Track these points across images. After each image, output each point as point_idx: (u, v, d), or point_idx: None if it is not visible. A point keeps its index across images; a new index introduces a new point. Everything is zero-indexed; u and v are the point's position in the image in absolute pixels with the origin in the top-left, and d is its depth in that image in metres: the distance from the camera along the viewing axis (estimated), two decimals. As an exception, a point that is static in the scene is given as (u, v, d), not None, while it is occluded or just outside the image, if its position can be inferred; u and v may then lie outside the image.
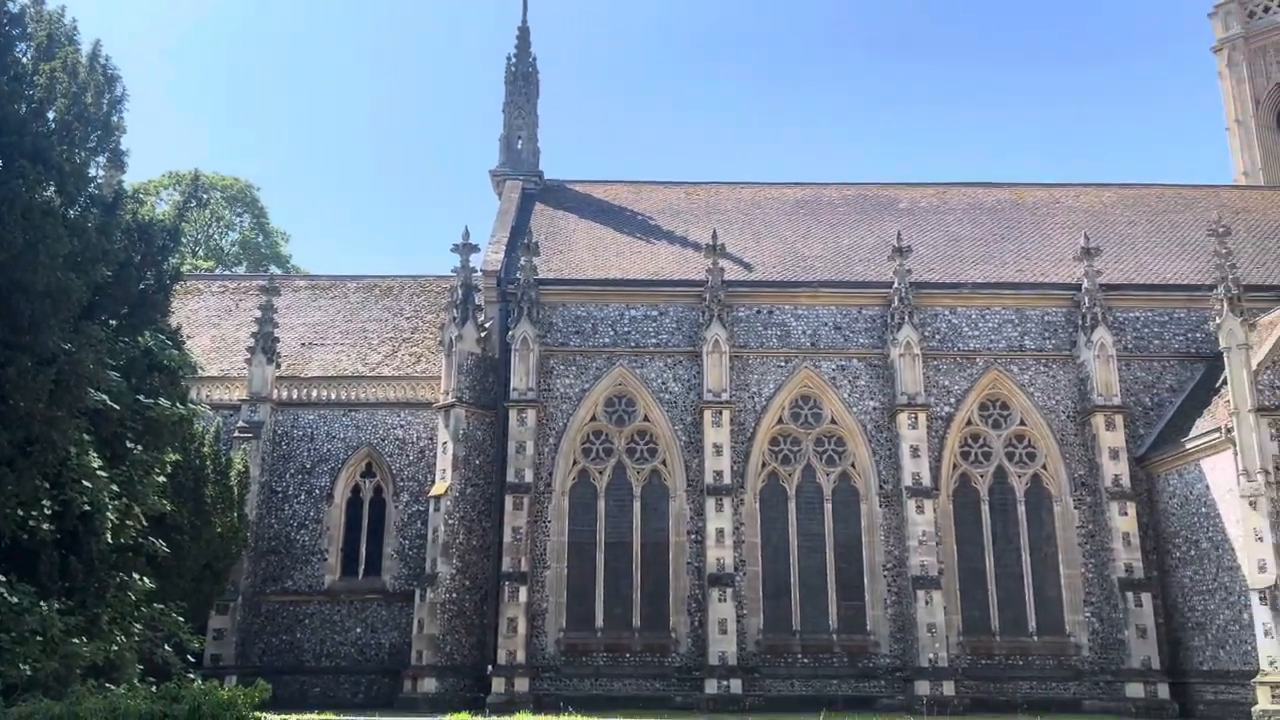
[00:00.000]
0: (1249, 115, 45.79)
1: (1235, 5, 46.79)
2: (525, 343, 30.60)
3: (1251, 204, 39.30)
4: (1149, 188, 40.59)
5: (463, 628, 28.93)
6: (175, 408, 20.26)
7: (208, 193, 59.20)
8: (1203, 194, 39.92)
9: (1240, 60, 46.30)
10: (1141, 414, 31.20)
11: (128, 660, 17.24)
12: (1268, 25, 45.93)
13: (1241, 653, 26.37)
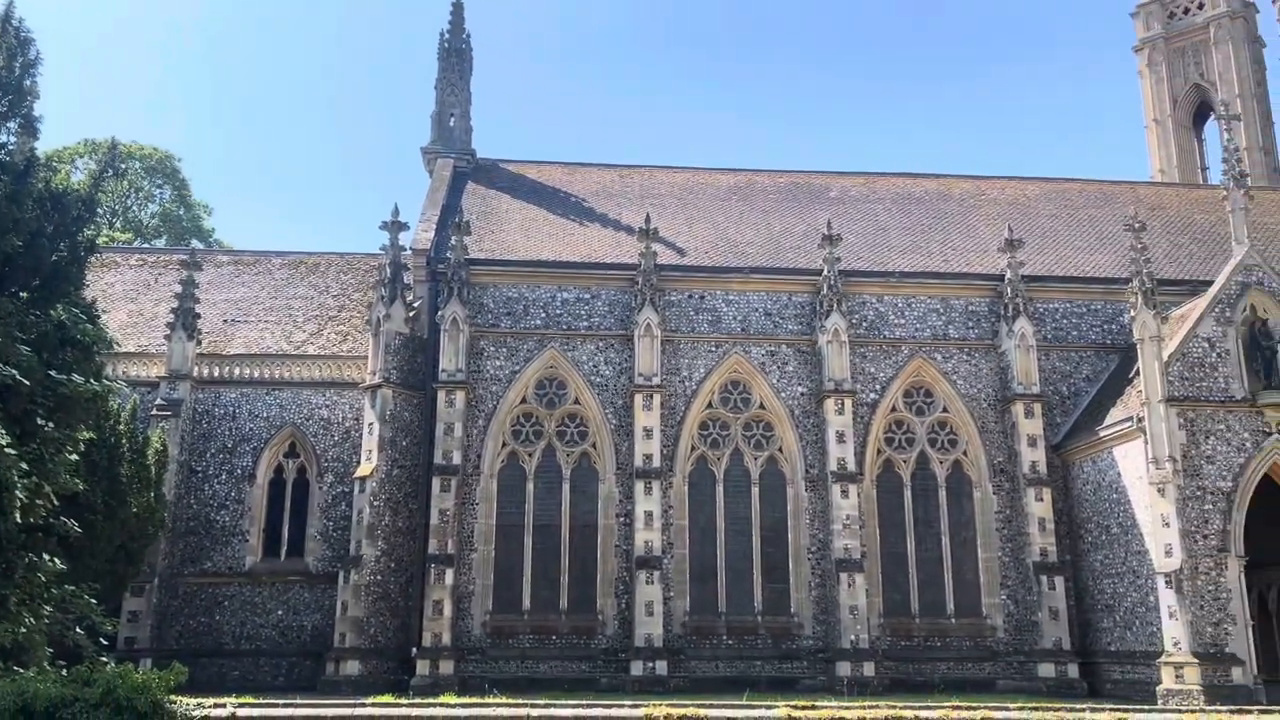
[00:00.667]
0: (1166, 114, 47.24)
1: (1156, 6, 48.12)
2: (455, 323, 30.22)
3: (1166, 200, 40.44)
4: (1071, 182, 41.51)
5: (387, 610, 28.59)
6: (89, 384, 19.54)
7: (126, 162, 57.10)
8: (1121, 189, 40.91)
9: (1160, 60, 47.69)
10: (1059, 403, 31.96)
11: (37, 643, 16.69)
12: (1187, 26, 47.35)
13: (1147, 634, 27.22)
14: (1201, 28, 46.70)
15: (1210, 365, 27.56)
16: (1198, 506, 26.36)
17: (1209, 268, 32.44)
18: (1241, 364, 27.55)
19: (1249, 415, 27.16)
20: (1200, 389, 27.32)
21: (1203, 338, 27.79)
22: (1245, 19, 46.35)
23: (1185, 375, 27.39)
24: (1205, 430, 27.00)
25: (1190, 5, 47.30)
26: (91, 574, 21.72)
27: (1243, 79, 45.32)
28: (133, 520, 24.94)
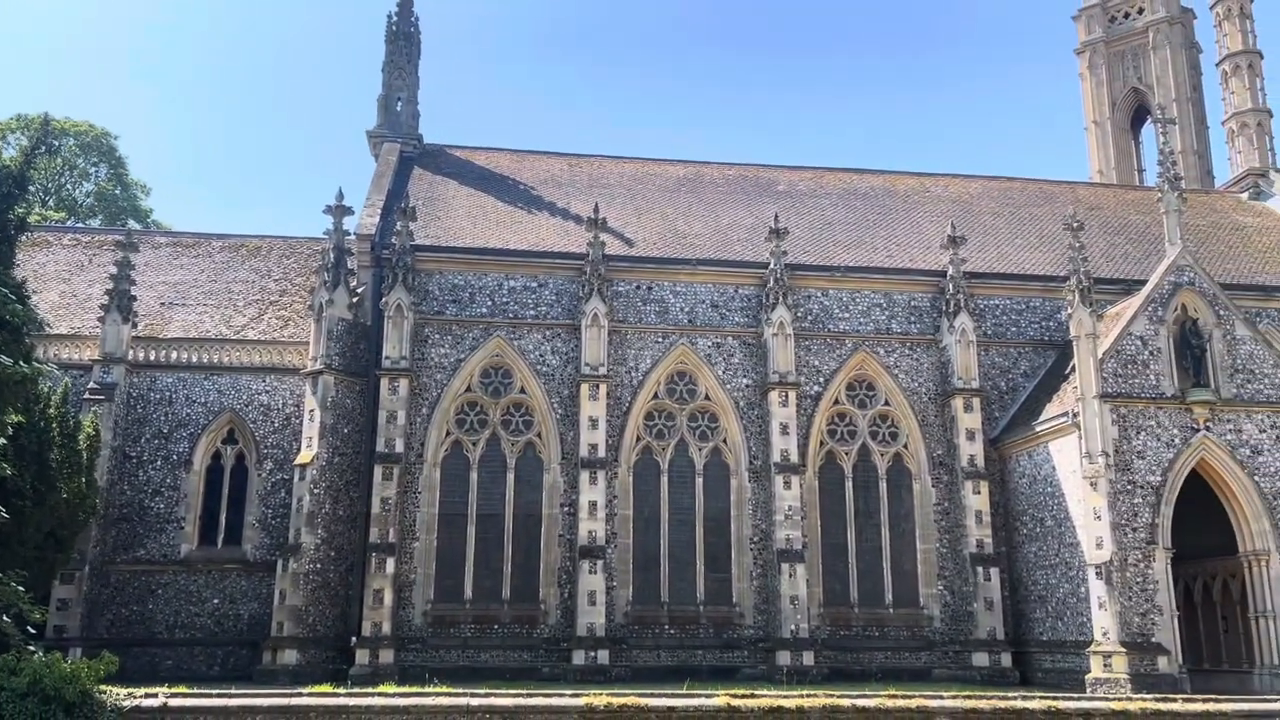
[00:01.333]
0: (1105, 116, 48.25)
1: (1098, 9, 49.05)
2: (399, 310, 29.95)
3: (1104, 201, 41.38)
4: (1013, 181, 42.26)
5: (327, 599, 28.31)
6: (18, 366, 19.10)
7: (59, 139, 55.59)
8: (1061, 189, 41.78)
9: (1100, 63, 48.67)
10: (997, 398, 32.52)
11: (-38, 631, 16.29)
12: (1126, 30, 48.36)
13: (1078, 624, 27.90)
14: (1141, 32, 47.74)
15: (1143, 363, 28.29)
16: (1128, 500, 27.06)
17: (1143, 267, 33.24)
18: (1172, 362, 28.31)
19: (1178, 412, 27.93)
20: (1133, 386, 28.02)
21: (1136, 336, 28.50)
22: (1183, 24, 47.52)
23: (1119, 372, 28.06)
24: (1137, 426, 27.72)
25: (1130, 10, 48.31)
26: (19, 561, 21.24)
27: (1179, 83, 46.45)
28: (63, 506, 24.37)
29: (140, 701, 15.26)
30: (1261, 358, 28.76)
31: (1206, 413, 27.93)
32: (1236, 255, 36.65)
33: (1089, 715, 17.19)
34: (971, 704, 17.16)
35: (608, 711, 15.92)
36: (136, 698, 15.37)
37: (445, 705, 15.90)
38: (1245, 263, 36.05)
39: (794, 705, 16.53)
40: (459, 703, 16.02)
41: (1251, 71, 43.09)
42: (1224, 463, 27.90)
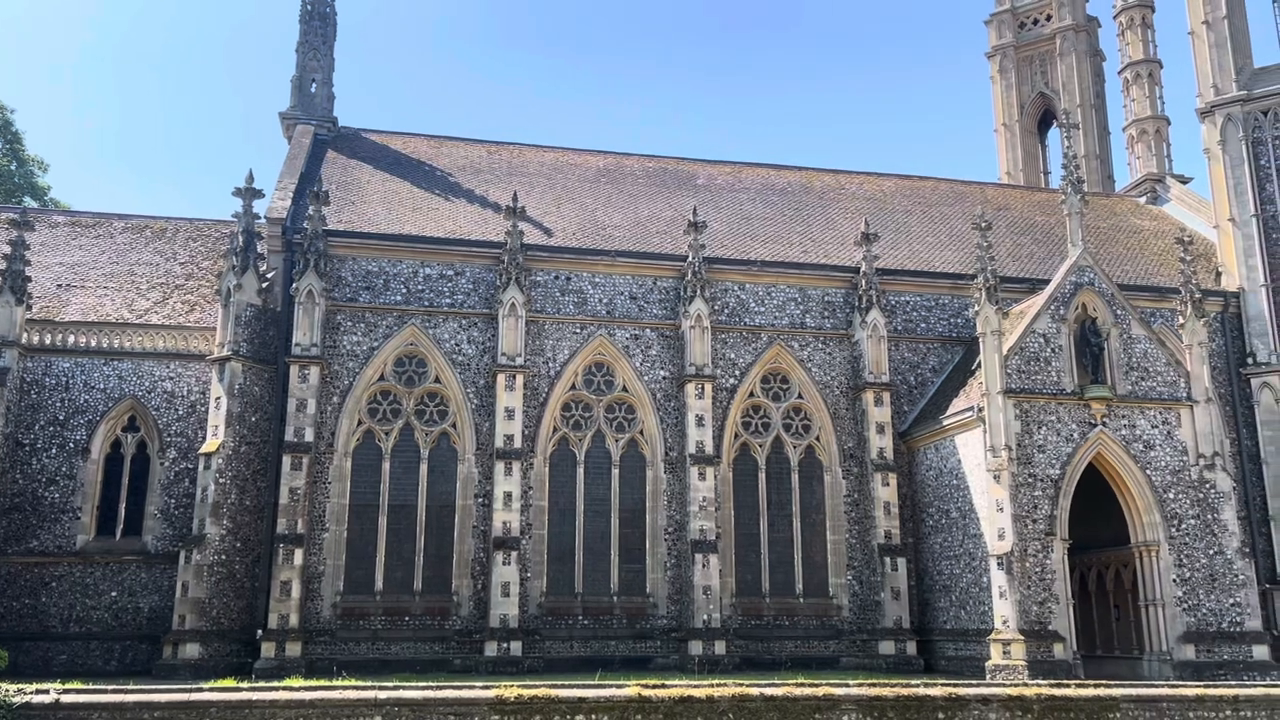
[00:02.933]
0: (1014, 120, 49.53)
1: (1009, 15, 50.29)
2: (310, 296, 29.41)
3: (1012, 201, 42.49)
4: (925, 180, 43.12)
5: (232, 591, 27.73)
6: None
7: (-52, 112, 53.51)
8: (971, 189, 42.76)
9: (1010, 68, 49.91)
10: (906, 392, 33.25)
11: None
12: (1035, 36, 49.69)
13: (980, 613, 28.69)
14: (1048, 38, 49.10)
15: (1045, 360, 29.16)
16: (1029, 493, 27.89)
17: (1047, 267, 34.27)
18: (1072, 359, 29.26)
19: (1077, 407, 28.88)
20: (1035, 382, 28.87)
21: (1039, 334, 29.36)
22: (1088, 32, 48.99)
23: (1022, 369, 28.88)
24: (1038, 421, 28.57)
25: (1039, 16, 49.63)
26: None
27: (1083, 89, 47.88)
28: (-47, 495, 23.50)
29: (31, 698, 14.82)
30: (1155, 356, 29.87)
31: (1103, 408, 28.92)
32: (1134, 257, 38.00)
33: (987, 701, 17.72)
34: (875, 692, 17.55)
35: (518, 703, 15.94)
36: (27, 694, 14.92)
37: (352, 699, 15.74)
38: (1142, 265, 37.41)
39: (704, 695, 16.72)
40: (367, 696, 15.88)
41: (1151, 80, 44.64)
42: (1119, 457, 28.91)
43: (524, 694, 16.19)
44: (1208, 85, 37.55)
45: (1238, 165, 36.56)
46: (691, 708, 16.45)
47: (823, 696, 17.05)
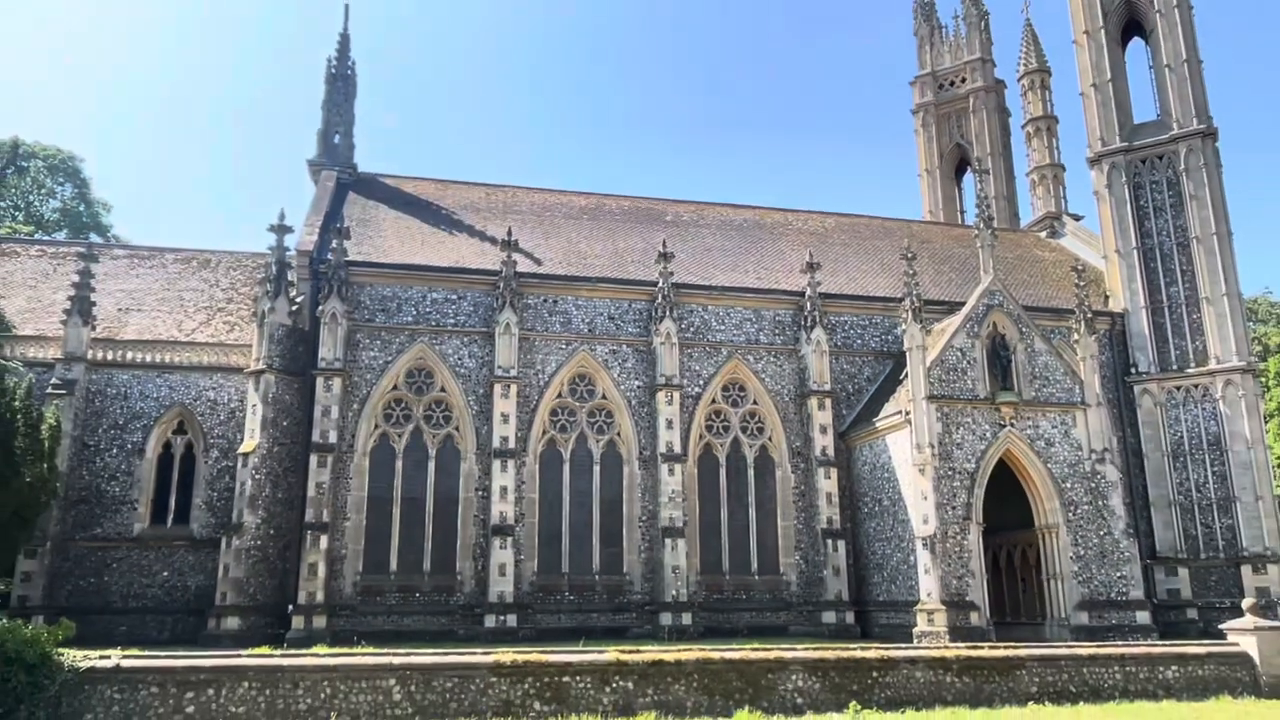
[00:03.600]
0: (935, 167, 49.98)
1: (929, 78, 50.86)
2: (334, 317, 29.43)
3: (933, 236, 42.84)
4: (860, 217, 43.35)
5: (266, 572, 27.63)
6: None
7: (28, 160, 52.95)
8: (899, 226, 43.05)
9: (931, 122, 50.37)
10: (845, 398, 33.40)
11: (-70, 602, 15.51)
12: (952, 96, 50.22)
13: (908, 587, 28.92)
14: (963, 98, 49.59)
15: (962, 370, 29.49)
16: (949, 484, 28.17)
17: (964, 291, 34.53)
18: (985, 370, 29.56)
19: (989, 410, 29.21)
20: (954, 389, 29.19)
21: (957, 348, 29.67)
22: (997, 92, 49.52)
23: (943, 378, 29.19)
24: (956, 422, 28.88)
25: (955, 79, 50.15)
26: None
27: (993, 140, 48.37)
28: (26, 489, 23.30)
29: (95, 663, 14.76)
30: (1054, 367, 30.27)
31: (1011, 411, 29.25)
32: (1036, 283, 38.41)
33: (914, 662, 17.88)
34: (819, 655, 17.69)
35: (513, 667, 15.98)
36: (91, 659, 14.86)
37: (371, 665, 15.76)
38: (1043, 289, 37.81)
39: (673, 659, 16.81)
40: (383, 662, 15.90)
41: (1049, 133, 45.20)
42: (1024, 452, 29.24)
43: (518, 659, 16.24)
44: (1096, 138, 38.12)
45: (1121, 205, 37.11)
46: (662, 670, 16.54)
47: (774, 659, 17.17)
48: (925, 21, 51.79)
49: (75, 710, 14.30)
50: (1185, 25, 37.39)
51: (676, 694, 16.30)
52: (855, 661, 17.55)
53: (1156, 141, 37.09)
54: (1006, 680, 17.84)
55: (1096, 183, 37.90)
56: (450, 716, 15.34)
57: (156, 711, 14.54)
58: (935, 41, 51.27)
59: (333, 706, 15.11)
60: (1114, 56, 38.57)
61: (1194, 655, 19.11)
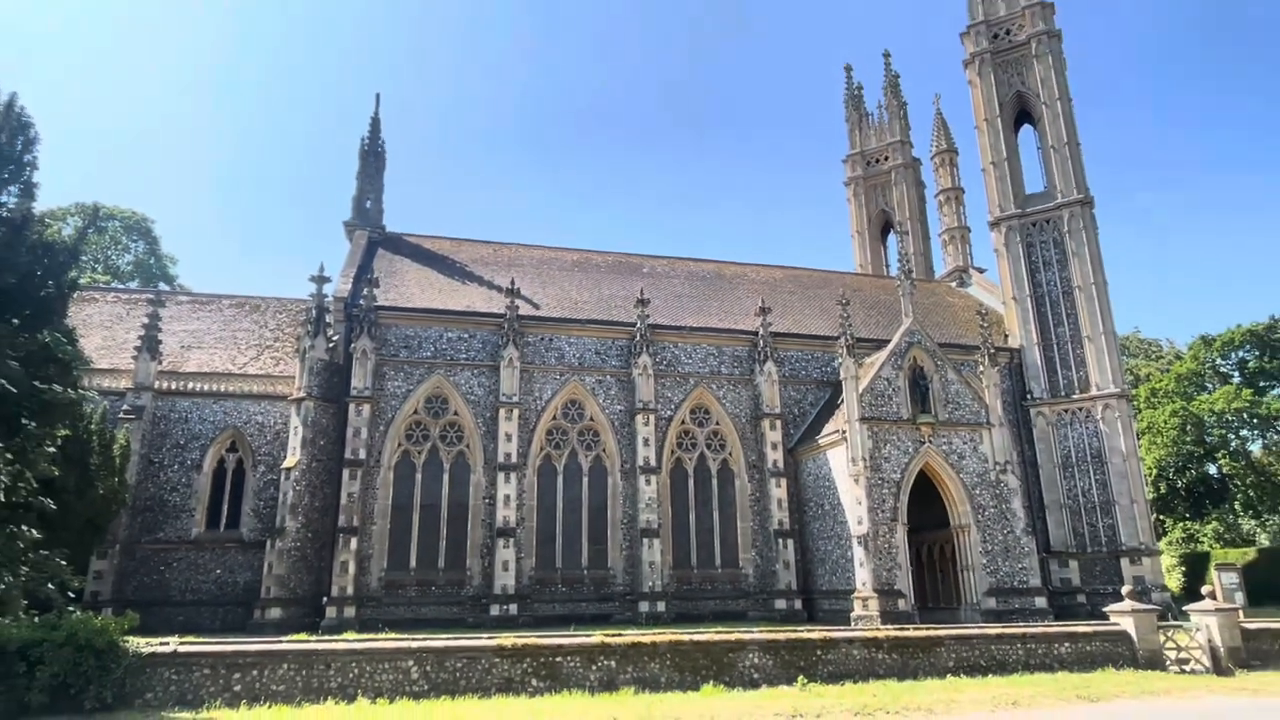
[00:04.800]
0: (864, 228, 50.57)
1: (859, 156, 51.65)
2: (364, 353, 29.29)
3: (864, 286, 43.25)
4: (803, 270, 43.73)
5: (304, 569, 27.24)
6: (67, 392, 17.96)
7: (107, 221, 52.58)
8: (836, 277, 43.47)
9: (860, 192, 51.06)
10: (793, 419, 33.53)
11: (14, 597, 15.12)
12: (878, 171, 50.99)
13: (846, 578, 28.92)
14: (886, 172, 50.24)
15: (888, 396, 29.72)
16: (879, 491, 28.28)
17: (888, 331, 34.78)
18: (907, 396, 29.82)
19: (911, 429, 29.41)
20: (882, 411, 29.39)
21: (884, 378, 29.92)
22: (915, 168, 50.17)
23: (873, 403, 29.39)
24: (884, 439, 29.05)
25: (880, 157, 50.99)
26: (64, 542, 19.82)
27: (911, 207, 49.00)
28: (99, 500, 22.97)
29: (156, 649, 14.40)
30: (963, 394, 30.56)
31: (929, 430, 29.47)
32: (948, 324, 38.84)
33: (851, 641, 17.78)
34: (772, 636, 17.57)
35: (514, 649, 15.76)
36: (152, 645, 14.51)
37: (392, 648, 15.49)
38: (954, 329, 38.24)
39: (649, 641, 16.64)
40: (403, 646, 15.63)
41: (957, 201, 45.89)
42: (941, 465, 29.43)
43: (518, 643, 16.03)
44: (995, 205, 38.77)
45: (1017, 261, 37.69)
46: (640, 650, 16.36)
47: (734, 641, 17.03)
48: (854, 110, 52.66)
49: (138, 689, 13.94)
50: (1066, 116, 38.28)
51: (652, 671, 16.13)
52: (802, 642, 17.43)
53: (1044, 209, 37.77)
54: (928, 656, 17.78)
55: (996, 242, 38.49)
56: (460, 692, 15.08)
57: (208, 690, 14.21)
58: (863, 126, 52.09)
59: (359, 684, 14.82)
60: (1009, 139, 39.38)
61: (1083, 634, 19.14)
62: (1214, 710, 14.40)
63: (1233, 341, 57.98)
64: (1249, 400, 52.79)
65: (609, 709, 13.86)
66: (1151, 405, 55.53)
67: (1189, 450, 53.35)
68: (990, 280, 42.72)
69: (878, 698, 14.82)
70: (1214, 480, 54.90)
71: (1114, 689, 16.04)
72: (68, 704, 13.25)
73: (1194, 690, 16.28)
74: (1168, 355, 64.96)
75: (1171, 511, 55.64)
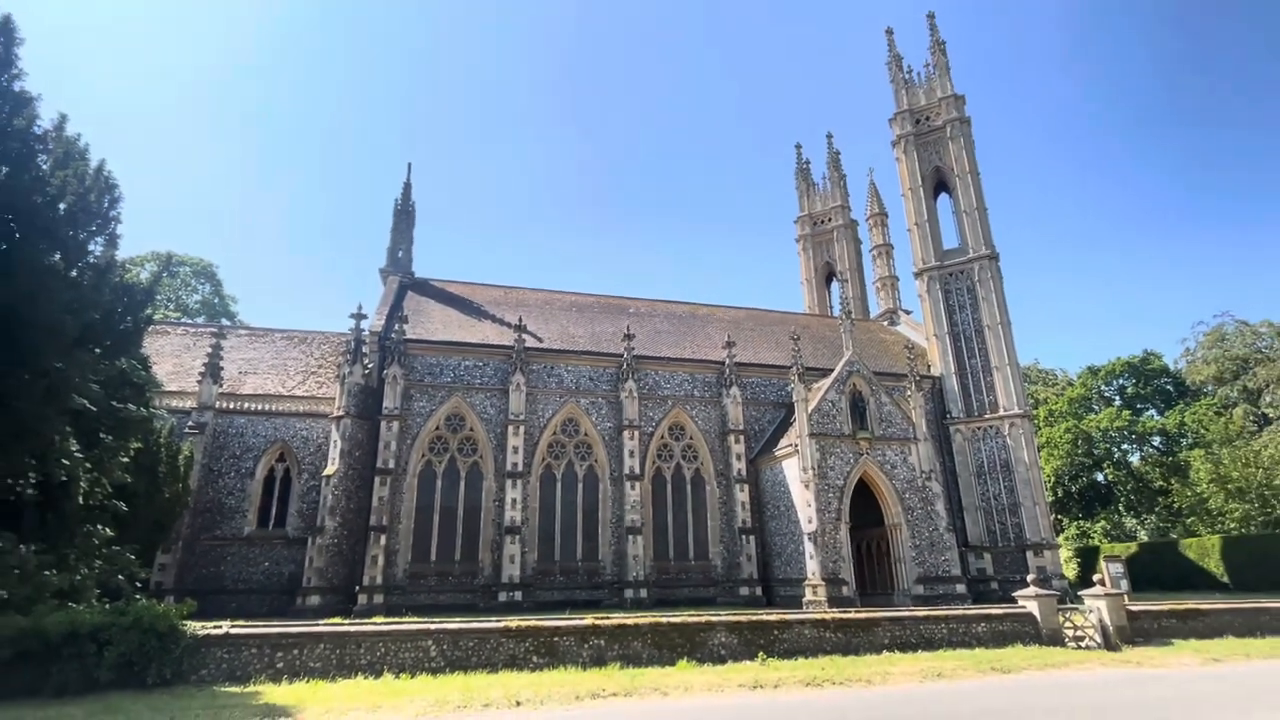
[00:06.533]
0: (812, 276, 50.94)
1: (807, 217, 52.22)
2: (394, 378, 29.05)
3: (812, 324, 43.43)
4: (763, 310, 43.88)
5: (340, 562, 26.71)
6: (140, 411, 17.75)
7: (179, 267, 52.16)
8: (789, 317, 43.68)
9: (809, 247, 51.53)
10: (754, 435, 33.47)
11: (88, 586, 14.72)
12: (823, 229, 51.49)
13: (799, 568, 28.72)
14: (830, 231, 50.79)
15: (833, 415, 29.78)
16: (825, 495, 28.23)
17: (833, 361, 34.95)
18: (848, 415, 29.89)
19: (851, 443, 29.45)
20: (828, 428, 29.44)
21: (829, 400, 30.01)
22: (851, 228, 50.60)
23: (820, 421, 29.45)
24: (830, 451, 29.06)
25: (824, 219, 51.55)
26: (134, 539, 19.36)
27: (850, 260, 49.49)
28: (165, 502, 22.44)
29: (210, 631, 14.04)
30: (894, 414, 30.66)
31: (867, 444, 29.52)
32: (881, 356, 39.03)
33: (803, 623, 17.61)
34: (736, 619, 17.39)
35: (518, 630, 15.49)
36: (207, 629, 14.14)
37: (414, 630, 15.19)
38: (886, 361, 38.41)
39: (633, 623, 16.43)
40: (423, 628, 15.33)
41: (888, 255, 46.43)
42: (877, 473, 29.44)
43: (521, 625, 15.75)
44: (919, 259, 39.24)
45: (936, 304, 38.08)
46: (625, 631, 16.13)
47: (705, 623, 16.83)
48: (803, 180, 53.37)
49: (194, 667, 13.55)
50: (975, 186, 38.98)
51: (635, 649, 15.88)
52: (762, 623, 17.25)
53: (959, 261, 38.27)
54: (868, 635, 17.63)
55: (920, 289, 38.88)
56: (472, 668, 14.77)
57: (254, 667, 13.83)
58: (810, 194, 52.74)
59: (385, 661, 14.48)
60: (929, 205, 40.01)
61: (996, 615, 19.06)
62: (1104, 679, 14.35)
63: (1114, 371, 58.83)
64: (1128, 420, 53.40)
65: (599, 681, 13.61)
66: (1049, 424, 56.03)
67: (1080, 461, 53.79)
68: (915, 320, 43.13)
69: (825, 671, 14.66)
70: (1101, 486, 55.27)
71: (1022, 662, 15.95)
72: (132, 680, 12.86)
73: (1089, 663, 16.22)
74: (1061, 382, 65.69)
75: (1068, 512, 55.90)
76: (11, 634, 12.19)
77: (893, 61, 42.74)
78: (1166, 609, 20.35)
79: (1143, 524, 53.45)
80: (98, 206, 16.08)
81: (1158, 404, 57.25)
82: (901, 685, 13.56)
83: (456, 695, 12.42)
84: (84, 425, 15.53)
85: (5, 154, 14.01)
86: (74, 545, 14.88)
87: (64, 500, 14.76)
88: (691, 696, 12.67)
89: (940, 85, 41.00)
